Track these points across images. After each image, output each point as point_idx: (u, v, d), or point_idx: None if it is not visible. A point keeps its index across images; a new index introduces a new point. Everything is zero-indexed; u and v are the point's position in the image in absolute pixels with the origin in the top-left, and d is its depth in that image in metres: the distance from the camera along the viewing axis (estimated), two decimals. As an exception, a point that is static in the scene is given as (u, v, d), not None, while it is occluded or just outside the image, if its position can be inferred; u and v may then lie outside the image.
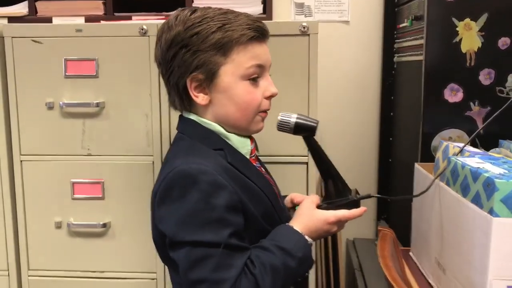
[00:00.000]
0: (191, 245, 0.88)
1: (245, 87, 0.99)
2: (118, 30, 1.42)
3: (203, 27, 0.96)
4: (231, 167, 0.98)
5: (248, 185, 0.99)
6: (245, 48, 0.98)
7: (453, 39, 1.44)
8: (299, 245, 0.95)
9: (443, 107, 1.47)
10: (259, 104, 1.02)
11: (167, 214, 0.93)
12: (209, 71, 0.97)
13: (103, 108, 1.43)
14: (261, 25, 1.01)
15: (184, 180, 0.91)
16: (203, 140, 1.00)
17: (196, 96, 1.00)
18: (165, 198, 0.93)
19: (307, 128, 1.02)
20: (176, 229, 0.91)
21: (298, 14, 2.07)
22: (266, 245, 0.94)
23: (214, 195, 0.90)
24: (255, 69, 1.00)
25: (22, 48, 1.43)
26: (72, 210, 1.48)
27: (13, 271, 1.52)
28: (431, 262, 1.23)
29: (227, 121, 1.02)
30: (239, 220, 0.93)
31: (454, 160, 1.10)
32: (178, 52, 0.98)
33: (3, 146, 1.46)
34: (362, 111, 2.08)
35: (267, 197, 1.02)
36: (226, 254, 0.88)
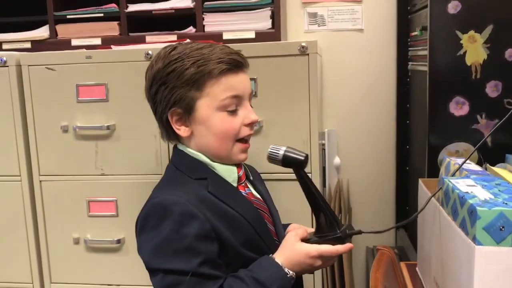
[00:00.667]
0: (163, 272, 0.94)
1: (221, 117, 1.03)
2: (125, 55, 1.48)
3: (177, 64, 1.01)
4: (211, 196, 1.01)
5: (227, 213, 1.01)
6: (218, 81, 1.01)
7: (457, 52, 1.42)
8: (275, 276, 0.96)
9: (449, 120, 1.45)
10: (237, 133, 1.05)
11: (143, 242, 0.99)
12: (186, 105, 1.02)
13: (114, 130, 1.50)
14: (235, 57, 1.03)
15: (159, 211, 0.96)
16: (187, 170, 1.05)
17: (178, 128, 1.04)
18: (143, 228, 1.00)
19: (295, 162, 1.03)
20: (151, 257, 0.97)
21: (311, 24, 2.08)
22: (241, 275, 0.97)
23: (185, 225, 0.94)
24: (231, 100, 1.02)
25: (37, 75, 1.51)
26: (88, 226, 1.56)
27: (37, 284, 1.62)
28: (431, 280, 1.22)
29: (208, 151, 1.05)
30: (210, 249, 0.96)
31: (447, 182, 1.09)
32: (159, 89, 1.03)
33: (24, 167, 1.55)
34: (378, 119, 2.07)
35: (250, 224, 1.04)
36: (196, 282, 0.92)
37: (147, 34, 1.84)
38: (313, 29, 2.07)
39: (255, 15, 1.81)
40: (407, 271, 1.42)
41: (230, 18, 1.82)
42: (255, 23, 1.81)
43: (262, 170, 1.37)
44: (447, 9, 1.41)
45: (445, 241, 1.08)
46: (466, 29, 1.40)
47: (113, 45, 1.67)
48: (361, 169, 2.10)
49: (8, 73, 1.52)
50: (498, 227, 0.89)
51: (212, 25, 1.83)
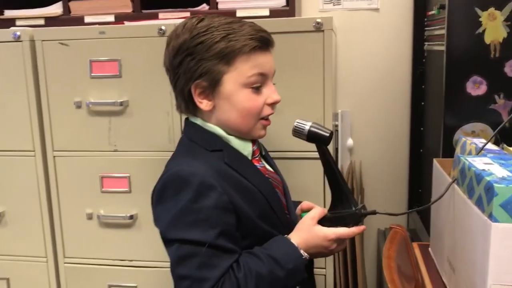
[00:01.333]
0: (179, 242, 0.93)
1: (246, 95, 1.02)
2: (138, 31, 1.47)
3: (207, 37, 1.00)
4: (227, 167, 1.01)
5: (244, 184, 1.02)
6: (247, 58, 1.01)
7: (476, 30, 1.39)
8: (290, 257, 0.97)
9: (465, 100, 1.43)
10: (260, 111, 1.05)
11: (160, 213, 0.99)
12: (212, 79, 1.01)
13: (127, 106, 1.50)
14: (265, 35, 1.03)
15: (176, 182, 0.96)
16: (202, 142, 1.04)
17: (200, 102, 1.03)
18: (160, 199, 0.99)
19: (319, 138, 1.04)
20: (168, 227, 0.97)
21: (326, 3, 2.05)
22: (257, 252, 0.97)
23: (203, 196, 0.94)
24: (257, 78, 1.02)
25: (51, 51, 1.51)
26: (101, 202, 1.57)
27: (51, 258, 1.63)
28: (444, 260, 1.21)
29: (228, 126, 1.05)
30: (228, 220, 0.96)
31: (463, 159, 1.08)
32: (184, 60, 1.02)
33: (38, 143, 1.56)
34: (393, 100, 2.05)
35: (265, 196, 1.04)
36: (211, 254, 0.92)
37: (160, 11, 1.82)
38: (328, 8, 2.04)
39: (269, -8, 1.78)
40: (420, 251, 1.41)
41: (245, -4, 1.80)
42: (270, 0, 1.78)
43: (274, 147, 1.37)
44: (467, -15, 1.38)
45: (460, 220, 1.07)
46: (486, 6, 1.37)
47: (126, 21, 1.66)
48: (374, 150, 2.08)
49: (22, 48, 1.52)
50: (516, 204, 0.87)
51: (225, 2, 1.81)
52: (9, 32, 1.52)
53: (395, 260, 1.10)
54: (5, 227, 1.64)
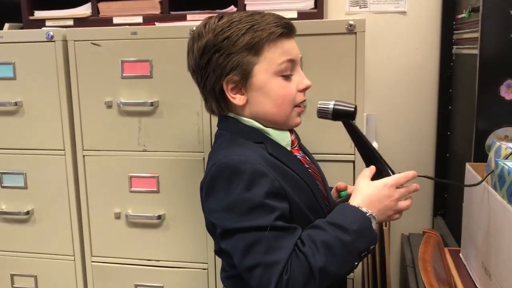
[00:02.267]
0: (241, 231, 0.92)
1: (279, 82, 1.03)
2: (169, 32, 1.48)
3: (232, 31, 1.00)
4: (272, 157, 1.01)
5: (290, 174, 1.01)
6: (275, 45, 1.01)
7: (511, 33, 1.38)
8: (353, 217, 0.93)
9: (499, 104, 1.42)
10: (294, 98, 1.05)
11: (214, 205, 0.98)
12: (243, 72, 1.01)
13: (157, 107, 1.50)
14: (288, 22, 1.04)
15: (227, 172, 0.95)
16: (243, 134, 1.04)
17: (233, 97, 1.03)
18: (211, 190, 0.98)
19: (345, 113, 1.05)
20: (224, 218, 0.95)
21: (352, 6, 2.04)
22: (317, 223, 0.95)
23: (256, 183, 0.93)
24: (287, 64, 1.03)
25: (83, 51, 1.52)
26: (129, 202, 1.57)
27: (78, 257, 1.65)
28: (479, 265, 1.20)
29: (265, 118, 1.05)
30: (283, 205, 0.95)
31: (501, 164, 1.07)
32: (211, 57, 1.02)
33: (68, 142, 1.58)
34: (419, 104, 2.03)
35: (309, 186, 1.04)
36: (275, 236, 0.91)
37: (188, 13, 1.83)
38: (355, 10, 2.04)
39: (298, -5, 1.78)
40: (450, 256, 1.40)
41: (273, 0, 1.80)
42: (298, 2, 1.78)
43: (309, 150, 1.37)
44: (502, -12, 1.37)
45: (498, 225, 1.05)
46: (521, 9, 1.36)
47: (157, 22, 1.67)
48: (399, 154, 2.07)
49: (55, 48, 1.53)
50: (561, 210, 0.86)
51: (253, 4, 1.81)
52: (42, 32, 1.54)
53: (431, 263, 1.09)
54: (34, 225, 1.65)
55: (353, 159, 1.43)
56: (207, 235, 1.54)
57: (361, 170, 1.43)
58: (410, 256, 1.84)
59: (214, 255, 1.54)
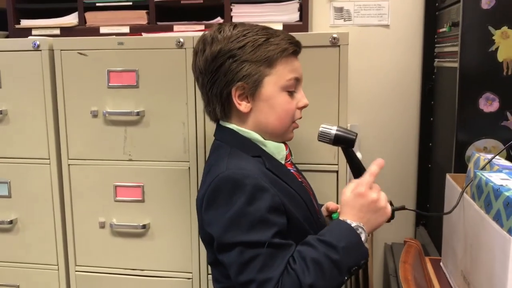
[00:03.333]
0: (240, 245, 0.94)
1: (284, 97, 1.07)
2: (156, 42, 1.49)
3: (249, 39, 1.03)
4: (269, 172, 1.03)
5: (286, 189, 1.04)
6: (287, 61, 1.06)
7: (489, 48, 1.42)
8: (341, 234, 0.95)
9: (478, 117, 1.45)
10: (294, 114, 1.09)
11: (215, 218, 0.99)
12: (254, 81, 1.04)
13: (143, 116, 1.51)
14: (299, 41, 1.10)
15: (229, 185, 0.97)
16: (241, 147, 1.06)
17: (239, 103, 1.06)
18: (213, 203, 0.99)
19: (346, 140, 1.08)
20: (224, 231, 0.96)
21: (337, 19, 2.08)
22: (308, 240, 0.97)
23: (258, 198, 0.95)
24: (294, 82, 1.07)
25: (69, 60, 1.53)
26: (114, 211, 1.58)
27: (62, 266, 1.64)
28: (458, 274, 1.22)
29: (265, 128, 1.08)
30: (282, 221, 0.98)
31: (479, 175, 1.09)
32: (224, 62, 1.04)
33: (53, 151, 1.58)
34: (401, 115, 2.07)
35: (304, 201, 1.07)
36: (271, 253, 0.93)
37: (175, 24, 1.85)
38: (339, 23, 2.07)
39: (283, 7, 1.81)
40: (431, 265, 1.42)
41: (258, 10, 1.82)
42: (283, 15, 1.81)
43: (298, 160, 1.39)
44: (481, 4, 1.41)
45: (476, 234, 1.08)
46: (499, 24, 1.40)
47: (143, 33, 1.68)
48: (382, 165, 2.10)
49: (41, 57, 1.54)
50: (535, 220, 0.89)
51: (239, 16, 1.84)
52: (28, 41, 1.54)
53: (412, 273, 1.11)
54: (17, 234, 1.64)
55: (337, 169, 1.46)
56: (191, 244, 1.55)
57: (344, 181, 1.47)
58: (392, 265, 1.86)
59: (199, 264, 1.56)
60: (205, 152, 1.50)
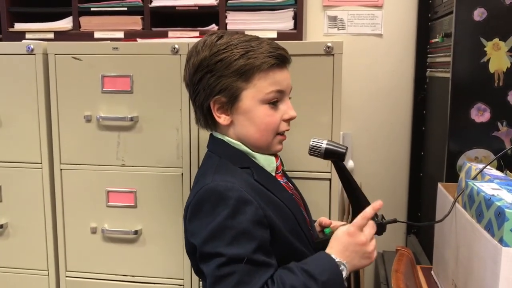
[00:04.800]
0: (219, 257, 0.93)
1: (264, 110, 1.05)
2: (151, 48, 1.49)
3: (227, 54, 1.03)
4: (257, 184, 1.03)
5: (274, 200, 1.04)
6: (266, 75, 1.04)
7: (481, 59, 1.44)
8: (325, 268, 0.96)
9: (469, 127, 1.47)
10: (278, 126, 1.08)
11: (197, 229, 0.99)
12: (231, 95, 1.04)
13: (136, 122, 1.51)
14: (282, 53, 1.07)
15: (213, 197, 0.97)
16: (231, 159, 1.07)
17: (219, 116, 1.06)
18: (196, 214, 0.99)
19: (337, 154, 1.08)
20: (205, 242, 0.96)
21: (331, 28, 2.09)
22: (291, 266, 0.97)
23: (241, 211, 0.95)
24: (275, 94, 1.06)
25: (63, 65, 1.53)
26: (106, 216, 1.57)
27: (53, 272, 1.62)
28: (449, 283, 1.23)
29: (247, 141, 1.08)
30: (264, 235, 0.97)
31: (471, 184, 1.11)
32: (204, 76, 1.05)
33: (45, 155, 1.57)
34: (394, 124, 2.09)
35: (292, 213, 1.07)
36: (249, 270, 0.93)
37: (170, 30, 1.86)
38: (333, 32, 2.09)
39: (278, 15, 1.83)
40: (422, 274, 1.43)
41: (253, 17, 1.84)
42: (278, 23, 1.82)
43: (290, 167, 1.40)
44: (473, 16, 1.43)
45: (467, 243, 1.09)
46: (490, 36, 1.42)
47: (138, 38, 1.68)
48: (374, 173, 2.11)
49: (35, 61, 1.53)
50: (526, 230, 0.90)
51: (234, 24, 1.85)
52: (22, 45, 1.54)
53: (404, 281, 1.12)
54: (8, 238, 1.63)
55: (330, 177, 1.46)
56: (183, 251, 1.53)
57: (337, 188, 1.48)
58: (384, 273, 1.87)
59: (190, 271, 1.55)
60: (198, 158, 1.50)
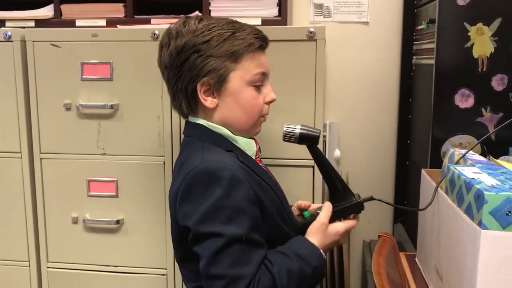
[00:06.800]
0: (214, 236, 0.92)
1: (251, 93, 1.05)
2: (131, 35, 1.47)
3: (214, 34, 1.01)
4: (244, 165, 1.03)
5: (261, 182, 1.04)
6: (253, 56, 1.04)
7: (465, 44, 1.42)
8: (314, 254, 1.00)
9: (453, 113, 1.46)
10: (261, 109, 1.08)
11: (191, 210, 0.96)
12: (219, 76, 1.03)
13: (117, 110, 1.49)
14: (265, 36, 1.08)
15: (206, 177, 0.95)
16: (213, 142, 1.05)
17: (205, 99, 1.04)
18: (188, 195, 0.97)
19: (311, 138, 1.09)
20: (200, 221, 0.94)
21: (317, 15, 2.07)
22: (284, 250, 0.99)
23: (234, 189, 0.94)
24: (260, 76, 1.06)
25: (42, 52, 1.50)
26: (87, 206, 1.55)
27: (33, 263, 1.60)
28: (431, 269, 1.22)
29: (232, 124, 1.07)
30: (257, 213, 0.98)
31: (452, 169, 1.09)
32: (189, 57, 1.02)
33: (24, 145, 1.54)
34: (380, 112, 2.07)
35: (277, 196, 1.07)
36: (246, 248, 0.92)
37: (152, 17, 1.82)
38: (319, 20, 2.07)
39: (262, 2, 1.80)
40: (406, 261, 1.42)
41: (237, 4, 1.81)
42: (262, 10, 1.80)
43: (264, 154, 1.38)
44: (456, 0, 1.41)
45: (449, 228, 1.08)
46: (474, 21, 1.40)
47: (118, 25, 1.65)
48: (361, 162, 2.10)
49: (13, 48, 1.50)
50: (505, 212, 0.89)
51: (218, 10, 1.82)
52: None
53: (385, 267, 1.11)
54: (-13, 229, 1.61)
55: (313, 164, 1.45)
56: (166, 240, 1.53)
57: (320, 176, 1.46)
58: (370, 262, 1.86)
59: (174, 260, 1.53)
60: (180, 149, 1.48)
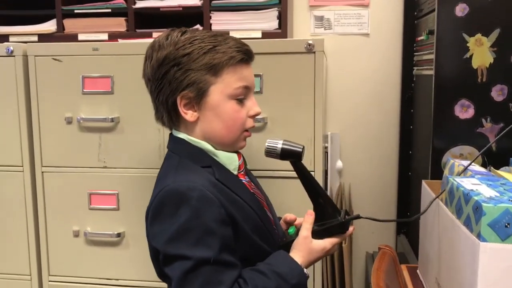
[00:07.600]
0: (183, 259, 0.91)
1: (232, 106, 1.04)
2: (132, 48, 1.48)
3: (194, 47, 1.01)
4: (219, 183, 1.01)
5: (236, 200, 1.02)
6: (234, 70, 1.03)
7: (464, 55, 1.42)
8: (294, 272, 0.98)
9: (453, 123, 1.45)
10: (244, 123, 1.06)
11: (159, 231, 0.96)
12: (199, 90, 1.02)
13: (118, 122, 1.50)
14: (249, 48, 1.06)
15: (174, 198, 0.94)
16: (192, 158, 1.04)
17: (185, 112, 1.04)
18: (157, 216, 0.97)
19: (293, 154, 1.05)
20: (169, 245, 0.94)
21: (317, 27, 2.08)
22: (262, 268, 0.97)
23: (203, 210, 0.93)
24: (242, 90, 1.04)
25: (43, 66, 1.51)
26: (89, 219, 1.55)
27: (35, 276, 1.61)
28: (432, 281, 1.21)
29: (214, 138, 1.05)
30: (228, 233, 0.96)
31: (451, 180, 1.09)
32: (169, 70, 1.02)
33: (26, 158, 1.55)
34: (382, 123, 2.07)
35: (255, 211, 1.05)
36: (216, 270, 0.91)
37: (154, 31, 1.84)
38: (319, 32, 2.08)
39: (262, 15, 1.81)
40: (408, 273, 1.41)
41: (237, 18, 1.83)
42: (262, 23, 1.81)
43: (263, 167, 1.38)
44: (455, 11, 1.42)
45: (448, 240, 1.07)
46: (473, 32, 1.41)
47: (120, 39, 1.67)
48: (363, 173, 2.10)
49: (15, 63, 1.52)
50: (504, 224, 0.88)
51: (219, 24, 1.84)
52: (2, 46, 1.53)
53: (384, 280, 1.10)
54: (-11, 243, 1.61)
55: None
56: (167, 253, 1.52)
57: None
58: (373, 274, 1.85)
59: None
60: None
